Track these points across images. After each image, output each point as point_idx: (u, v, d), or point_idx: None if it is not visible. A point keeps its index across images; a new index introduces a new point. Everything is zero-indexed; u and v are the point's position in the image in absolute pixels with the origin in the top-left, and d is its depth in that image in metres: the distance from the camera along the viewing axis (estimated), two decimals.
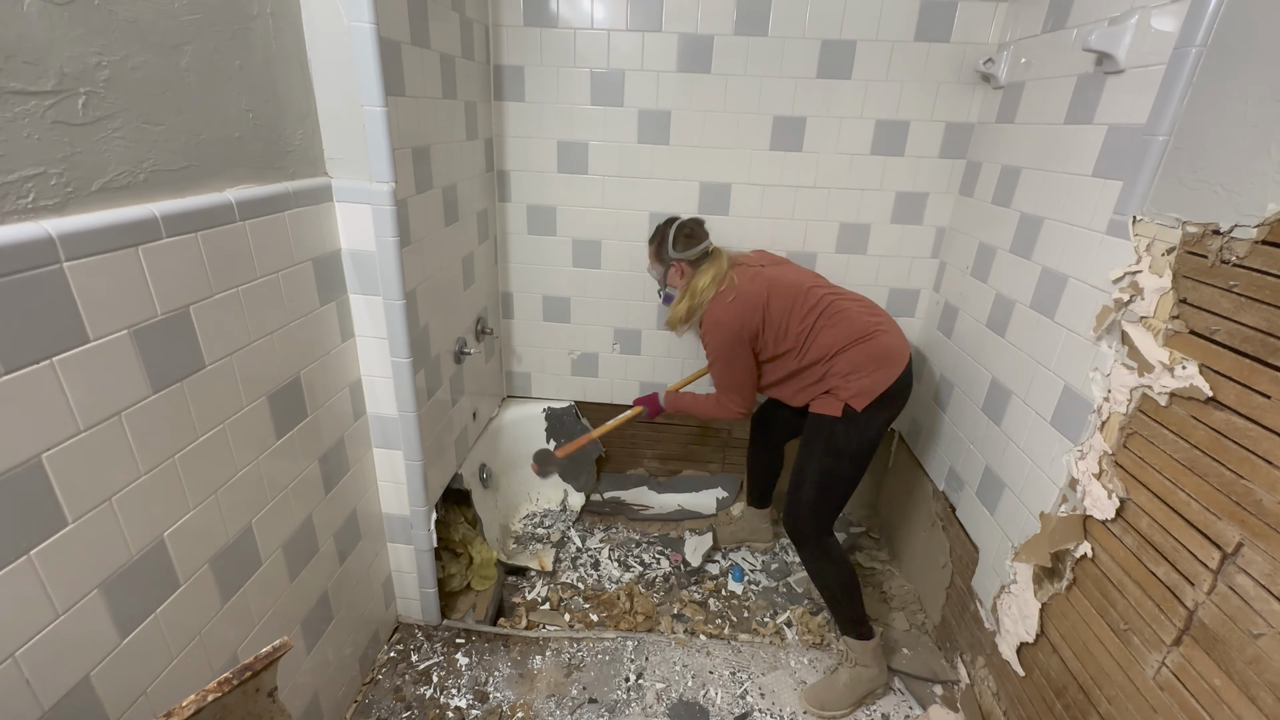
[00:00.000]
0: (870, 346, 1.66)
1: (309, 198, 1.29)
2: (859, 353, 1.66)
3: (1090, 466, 1.28)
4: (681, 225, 1.84)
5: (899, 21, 1.90)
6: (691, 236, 1.84)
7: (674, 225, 1.84)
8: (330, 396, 1.44)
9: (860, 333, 1.68)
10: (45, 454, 0.80)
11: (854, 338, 1.67)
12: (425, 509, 1.74)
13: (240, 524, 1.17)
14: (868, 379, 1.64)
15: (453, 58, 1.72)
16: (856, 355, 1.66)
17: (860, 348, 1.66)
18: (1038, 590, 1.43)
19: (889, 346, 1.67)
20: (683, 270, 1.84)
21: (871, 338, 1.67)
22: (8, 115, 0.74)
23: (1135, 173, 1.23)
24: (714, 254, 1.83)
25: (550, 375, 2.52)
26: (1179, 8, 1.17)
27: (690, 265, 1.83)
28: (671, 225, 1.85)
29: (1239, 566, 0.95)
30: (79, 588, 0.86)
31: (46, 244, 0.77)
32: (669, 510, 2.58)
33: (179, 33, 0.97)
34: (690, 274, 1.83)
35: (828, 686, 1.75)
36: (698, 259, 1.82)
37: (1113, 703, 1.19)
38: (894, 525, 2.39)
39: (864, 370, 1.65)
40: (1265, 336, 0.94)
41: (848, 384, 1.65)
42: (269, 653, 0.87)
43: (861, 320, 1.70)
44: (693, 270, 1.82)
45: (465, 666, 1.81)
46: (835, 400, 1.67)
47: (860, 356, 1.66)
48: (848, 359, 1.66)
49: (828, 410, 1.68)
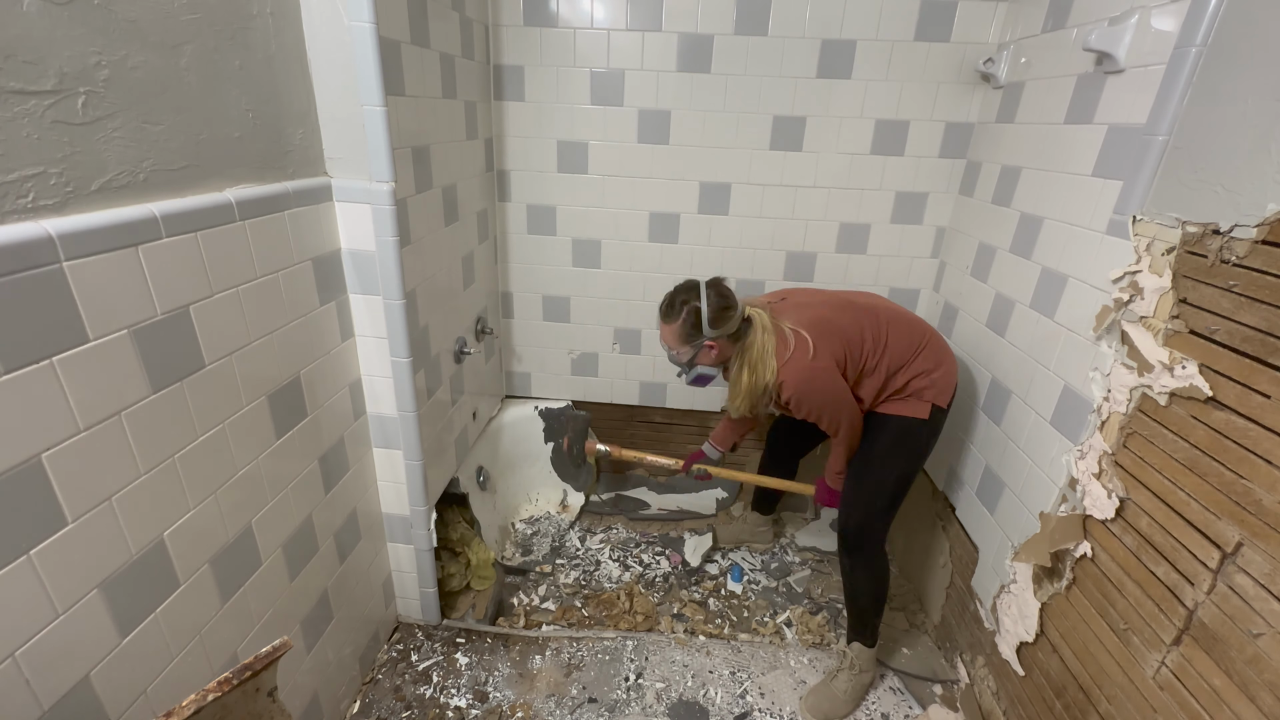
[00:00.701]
0: (937, 342, 1.65)
1: (309, 197, 1.29)
2: (931, 351, 1.62)
3: (1090, 466, 1.28)
4: (711, 294, 1.52)
5: (899, 21, 1.90)
6: (727, 305, 1.52)
7: (704, 293, 1.52)
8: (330, 396, 1.44)
9: (923, 331, 1.64)
10: (45, 454, 0.80)
11: (922, 336, 1.63)
12: (425, 509, 1.74)
13: (240, 524, 1.17)
14: (943, 375, 1.61)
15: (453, 57, 1.72)
16: (930, 354, 1.61)
17: (932, 346, 1.63)
18: (1037, 590, 1.43)
19: (944, 341, 1.68)
20: (720, 347, 1.56)
21: (932, 334, 1.65)
22: (7, 115, 0.74)
23: (1135, 172, 1.23)
24: (753, 316, 1.56)
25: (550, 375, 2.52)
26: (1179, 7, 1.17)
27: (730, 339, 1.55)
28: (700, 294, 1.52)
29: (1239, 566, 0.95)
30: (79, 587, 0.86)
31: (46, 244, 0.77)
32: (669, 510, 2.58)
33: (179, 32, 0.97)
34: (731, 348, 1.57)
35: (828, 696, 1.73)
36: (739, 330, 1.54)
37: (1112, 702, 1.19)
38: (894, 525, 2.38)
39: (942, 366, 1.62)
40: (1265, 336, 0.94)
41: (932, 383, 1.60)
42: (269, 652, 0.87)
43: (911, 317, 1.68)
44: (732, 345, 1.56)
45: (465, 666, 1.81)
46: (920, 402, 1.61)
47: (933, 354, 1.62)
48: (925, 358, 1.61)
49: (914, 413, 1.60)
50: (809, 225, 2.18)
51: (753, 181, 2.13)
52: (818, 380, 1.51)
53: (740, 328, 1.55)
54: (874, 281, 2.24)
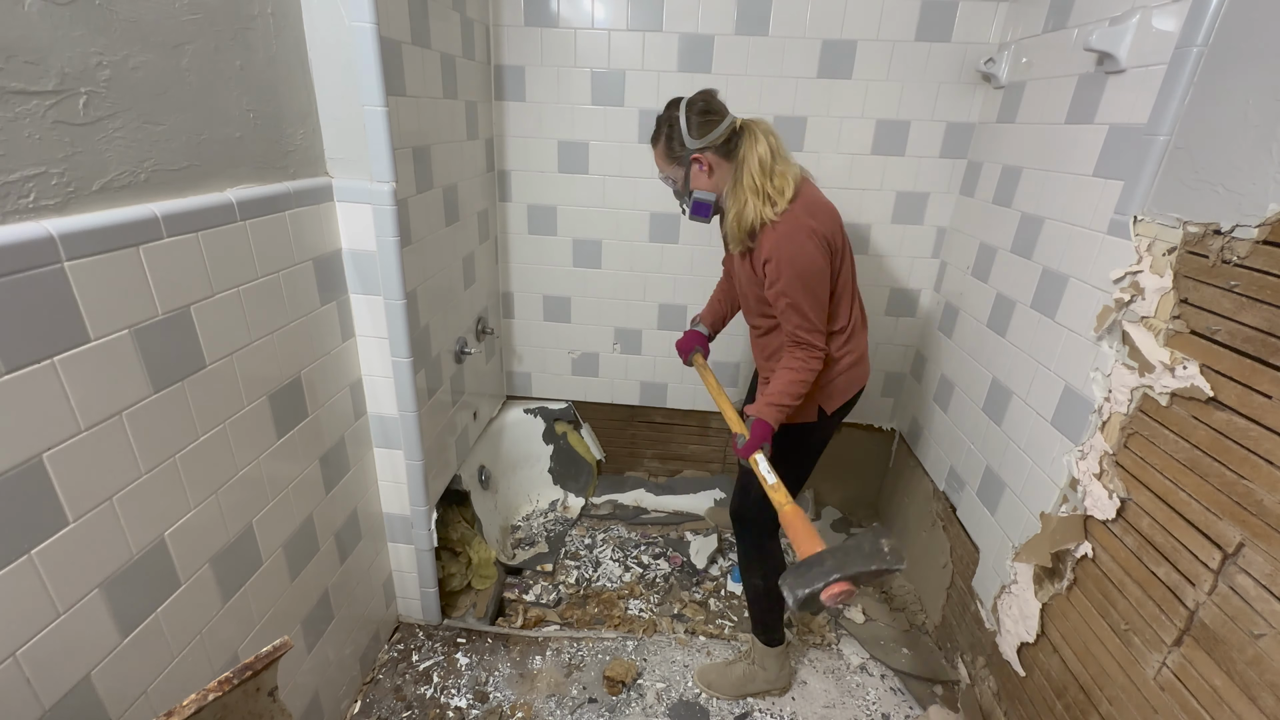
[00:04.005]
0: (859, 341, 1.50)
1: (309, 197, 1.29)
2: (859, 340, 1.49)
3: (1091, 466, 1.28)
4: (691, 102, 1.35)
5: (899, 21, 1.90)
6: (709, 111, 1.34)
7: (681, 105, 1.36)
8: (331, 396, 1.44)
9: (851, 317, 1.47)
10: (46, 453, 0.80)
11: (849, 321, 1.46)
12: (426, 508, 1.74)
13: (241, 523, 1.17)
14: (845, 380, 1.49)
15: (453, 57, 1.72)
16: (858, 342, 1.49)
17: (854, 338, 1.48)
18: (1038, 590, 1.43)
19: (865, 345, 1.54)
20: (709, 165, 1.36)
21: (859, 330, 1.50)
22: (9, 115, 0.74)
23: (1136, 173, 1.23)
24: (748, 129, 1.35)
25: (551, 375, 2.52)
26: (1180, 7, 1.17)
27: (719, 154, 1.35)
28: (678, 107, 1.36)
29: (1240, 567, 0.95)
30: (80, 587, 0.86)
31: (47, 243, 0.77)
32: (666, 513, 2.58)
33: (180, 32, 0.97)
34: (727, 166, 1.36)
35: (720, 672, 1.78)
36: (728, 141, 1.34)
37: (1113, 703, 1.19)
38: (894, 525, 2.39)
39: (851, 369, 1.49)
40: (1266, 336, 0.94)
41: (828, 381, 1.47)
42: (269, 652, 0.87)
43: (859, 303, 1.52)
44: (726, 161, 1.35)
45: (465, 666, 1.81)
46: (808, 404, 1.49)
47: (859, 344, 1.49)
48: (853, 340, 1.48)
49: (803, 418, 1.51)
50: None
51: None
52: (812, 242, 1.30)
53: (732, 139, 1.35)
54: (874, 281, 2.24)
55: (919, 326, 2.30)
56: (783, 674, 1.77)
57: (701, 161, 1.36)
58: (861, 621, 2.04)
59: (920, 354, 2.27)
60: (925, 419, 2.16)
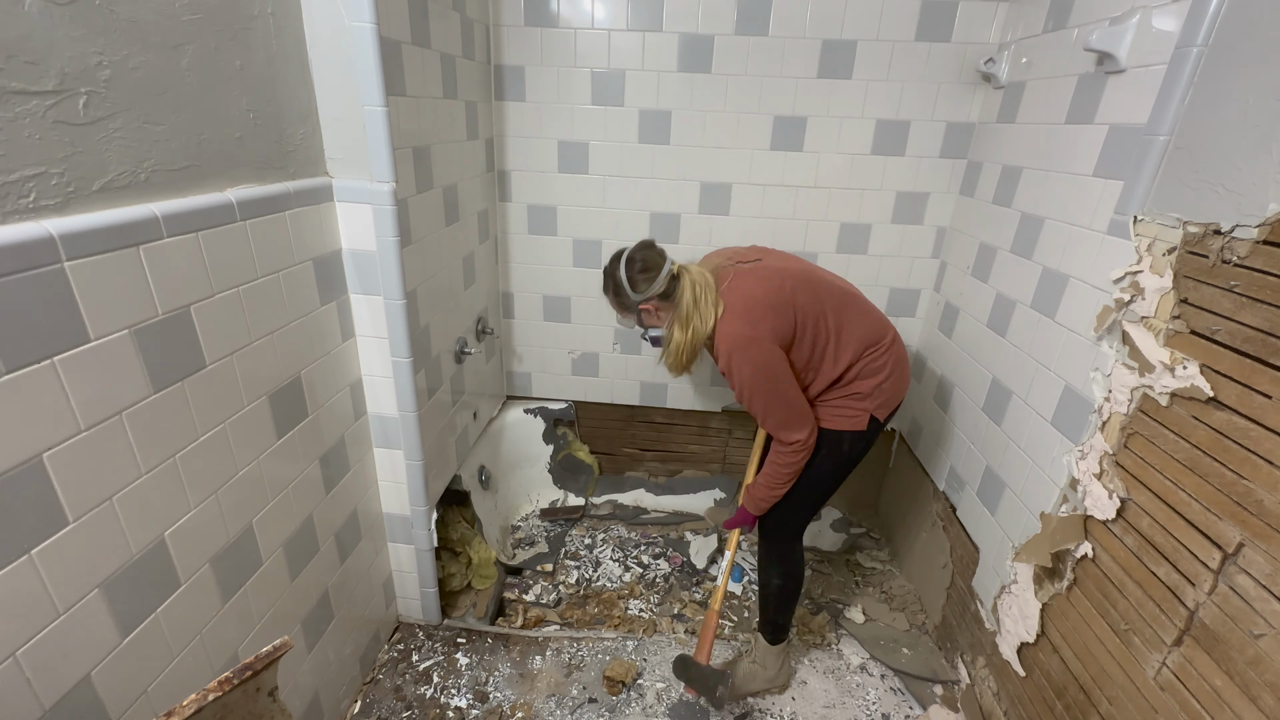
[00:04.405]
0: (898, 349, 1.56)
1: (309, 197, 1.29)
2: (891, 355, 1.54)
3: (1091, 466, 1.28)
4: (630, 260, 1.50)
5: (900, 21, 1.90)
6: (647, 268, 1.49)
7: (621, 263, 1.51)
8: (331, 396, 1.44)
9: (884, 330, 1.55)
10: (46, 453, 0.80)
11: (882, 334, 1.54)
12: (426, 509, 1.74)
13: (241, 523, 1.17)
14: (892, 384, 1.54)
15: (453, 57, 1.72)
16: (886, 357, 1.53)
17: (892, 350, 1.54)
18: (1038, 590, 1.43)
19: (904, 351, 1.59)
20: (656, 308, 1.53)
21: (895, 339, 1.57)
22: (9, 115, 0.74)
23: (1136, 173, 1.23)
24: (681, 274, 1.51)
25: (551, 375, 2.52)
26: (1180, 7, 1.17)
27: (662, 299, 1.51)
28: (619, 265, 1.52)
29: (1240, 567, 0.95)
30: (80, 587, 0.86)
31: (48, 243, 0.77)
32: (666, 513, 2.58)
33: (180, 33, 0.97)
34: (669, 308, 1.51)
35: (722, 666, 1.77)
36: (667, 289, 1.50)
37: (1113, 703, 1.19)
38: (894, 525, 2.39)
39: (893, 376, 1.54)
40: (1266, 336, 0.94)
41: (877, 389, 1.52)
42: (269, 652, 0.87)
43: (879, 315, 1.57)
44: (669, 303, 1.51)
45: (465, 666, 1.81)
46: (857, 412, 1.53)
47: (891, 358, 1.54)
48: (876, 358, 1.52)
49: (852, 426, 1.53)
50: (809, 225, 2.18)
51: (753, 182, 2.13)
52: (751, 351, 1.41)
53: (669, 286, 1.49)
54: (875, 281, 2.24)
55: (919, 326, 2.30)
56: (783, 672, 1.77)
57: (648, 309, 1.54)
58: (861, 621, 2.04)
59: (920, 354, 2.27)
60: (925, 419, 2.16)
